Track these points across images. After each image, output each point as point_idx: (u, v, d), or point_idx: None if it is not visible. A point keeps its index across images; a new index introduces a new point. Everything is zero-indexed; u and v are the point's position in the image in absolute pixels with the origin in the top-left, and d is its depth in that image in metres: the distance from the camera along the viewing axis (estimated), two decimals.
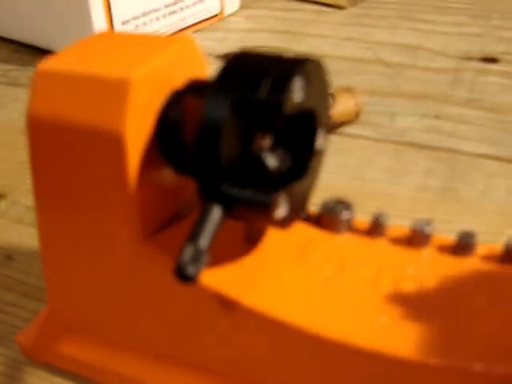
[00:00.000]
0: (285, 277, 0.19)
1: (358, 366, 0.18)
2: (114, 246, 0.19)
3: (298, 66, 0.16)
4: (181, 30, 0.49)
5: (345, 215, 0.21)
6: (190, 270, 0.15)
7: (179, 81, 0.18)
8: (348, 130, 0.35)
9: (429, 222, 0.20)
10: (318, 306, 0.18)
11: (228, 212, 0.17)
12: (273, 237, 0.20)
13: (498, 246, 0.20)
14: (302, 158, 0.19)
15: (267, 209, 0.16)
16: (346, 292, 0.19)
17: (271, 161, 0.17)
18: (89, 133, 0.17)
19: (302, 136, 0.18)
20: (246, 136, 0.16)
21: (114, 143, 0.17)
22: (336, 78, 0.40)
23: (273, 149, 0.18)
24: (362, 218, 0.28)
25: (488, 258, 0.20)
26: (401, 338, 0.17)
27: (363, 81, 0.40)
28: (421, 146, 0.34)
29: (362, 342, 0.17)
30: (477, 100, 0.38)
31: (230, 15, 0.51)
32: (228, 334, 0.19)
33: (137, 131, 0.17)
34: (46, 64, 0.18)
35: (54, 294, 0.22)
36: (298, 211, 0.19)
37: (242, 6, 0.52)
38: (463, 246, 0.20)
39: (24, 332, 0.23)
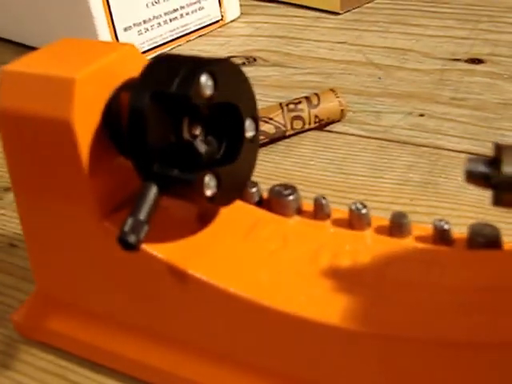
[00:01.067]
0: (232, 251, 0.22)
1: (293, 332, 0.20)
2: (77, 225, 0.22)
3: (205, 66, 0.19)
4: (183, 36, 0.52)
5: (291, 198, 0.23)
6: (131, 238, 0.19)
7: (122, 80, 0.22)
8: (335, 127, 0.38)
9: (365, 205, 0.22)
10: (259, 277, 0.21)
11: (163, 190, 0.20)
12: (224, 218, 0.23)
13: (430, 226, 0.22)
14: (234, 146, 0.22)
15: (193, 186, 0.19)
16: (286, 265, 0.21)
17: (201, 146, 0.21)
18: (46, 123, 0.21)
19: (232, 127, 0.21)
20: (173, 124, 0.20)
21: (65, 131, 0.20)
22: (327, 80, 0.43)
23: (204, 137, 0.21)
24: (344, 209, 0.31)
25: (422, 238, 0.22)
26: (331, 308, 0.19)
27: (353, 82, 0.42)
28: (404, 142, 0.36)
29: (296, 309, 0.20)
30: (461, 99, 0.40)
31: (232, 21, 0.54)
32: (180, 303, 0.22)
33: (85, 121, 0.21)
34: (12, 66, 0.22)
35: (38, 273, 0.25)
36: (234, 193, 0.22)
37: (243, 13, 0.54)
38: (398, 226, 0.22)
39: (18, 311, 0.26)
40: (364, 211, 0.23)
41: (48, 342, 0.25)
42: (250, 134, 0.22)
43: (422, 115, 0.38)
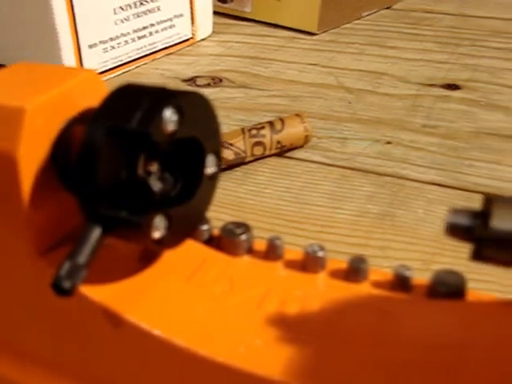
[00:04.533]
0: (173, 294, 0.19)
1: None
2: (12, 261, 0.20)
3: (170, 99, 0.17)
4: (151, 54, 0.50)
5: (243, 238, 0.21)
6: (66, 284, 0.17)
7: (78, 110, 0.20)
8: (297, 153, 0.35)
9: (322, 248, 0.20)
10: (199, 324, 0.19)
11: (107, 231, 0.18)
12: (170, 257, 0.20)
13: (389, 271, 0.20)
14: (192, 183, 0.20)
15: (140, 229, 0.17)
16: (230, 311, 0.19)
17: (155, 184, 0.18)
18: None
19: (191, 162, 0.19)
20: (128, 161, 0.18)
21: (9, 163, 0.18)
22: (294, 103, 0.41)
23: (161, 173, 0.19)
24: (297, 241, 0.28)
25: (379, 283, 0.20)
26: (272, 360, 0.17)
27: (321, 106, 0.40)
28: (367, 171, 0.33)
29: (234, 361, 0.17)
30: (432, 126, 0.37)
31: (203, 40, 0.52)
32: (115, 347, 0.20)
33: (31, 154, 0.19)
34: None
35: None
36: (185, 233, 0.20)
37: (215, 32, 0.52)
38: (355, 271, 0.20)
39: None
40: (320, 254, 0.20)
41: None
42: (210, 170, 0.20)
43: (389, 143, 0.36)
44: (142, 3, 0.49)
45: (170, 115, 0.17)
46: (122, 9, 0.48)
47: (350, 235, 0.29)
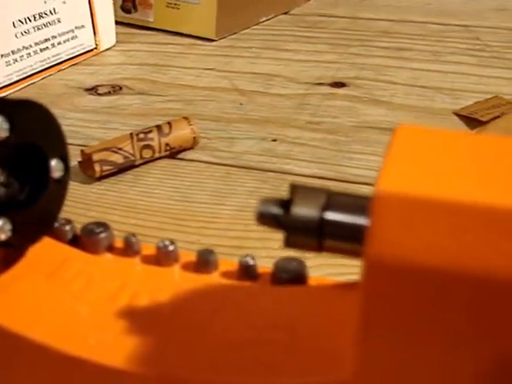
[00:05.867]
0: (31, 293, 0.20)
1: (84, 377, 0.19)
2: None
3: None
4: (56, 65, 0.51)
5: (102, 236, 0.22)
6: None
7: None
8: (187, 155, 0.37)
9: (173, 242, 0.22)
10: (54, 320, 0.20)
11: None
12: (31, 257, 0.22)
13: (236, 262, 0.21)
14: (37, 187, 0.21)
15: None
16: (84, 306, 0.20)
17: None
18: None
19: (36, 167, 0.21)
20: None
21: None
22: (188, 106, 0.42)
23: (5, 179, 0.20)
24: (181, 237, 0.30)
25: (227, 273, 0.21)
26: (119, 350, 0.18)
27: (214, 108, 0.42)
28: (252, 168, 0.35)
29: (84, 353, 0.19)
30: (317, 123, 0.40)
31: (106, 50, 0.53)
32: None
33: None
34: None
35: None
36: (35, 235, 0.21)
37: (119, 41, 0.54)
38: (204, 262, 0.21)
39: None
40: (171, 248, 0.22)
41: None
42: (57, 174, 0.21)
43: (274, 140, 0.38)
44: (41, 16, 0.50)
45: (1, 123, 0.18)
46: (22, 22, 0.49)
47: (230, 229, 0.31)
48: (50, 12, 0.51)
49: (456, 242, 0.14)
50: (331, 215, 0.16)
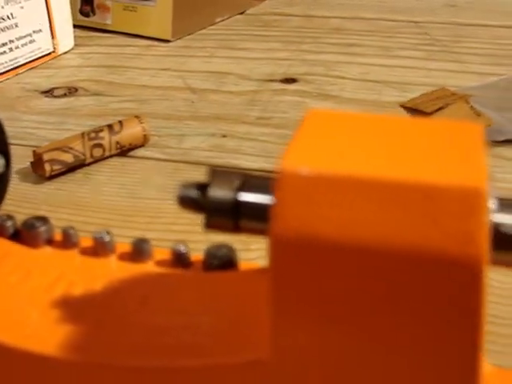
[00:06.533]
0: None
1: (20, 366, 0.20)
2: None
3: None
4: (14, 69, 0.51)
5: (41, 230, 0.23)
6: None
7: None
8: (138, 152, 0.38)
9: (109, 233, 0.23)
10: None
11: None
12: None
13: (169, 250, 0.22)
14: None
15: None
16: (21, 297, 0.21)
17: None
18: None
19: None
20: None
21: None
22: (142, 106, 0.43)
23: None
24: (127, 233, 0.31)
25: (162, 262, 0.22)
26: (49, 338, 0.19)
27: (167, 106, 0.43)
28: (200, 163, 0.36)
29: (18, 342, 0.19)
30: (266, 118, 0.41)
31: (65, 53, 0.54)
32: None
33: None
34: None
35: None
36: None
37: (77, 45, 0.54)
38: (139, 252, 0.22)
39: None
40: (107, 239, 0.23)
41: None
42: None
43: (224, 136, 0.39)
44: None
45: None
46: None
47: (176, 223, 0.32)
48: (8, 17, 0.52)
49: (355, 215, 0.15)
50: (245, 196, 0.17)
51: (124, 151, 0.38)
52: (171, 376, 0.19)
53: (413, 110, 0.41)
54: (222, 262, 0.22)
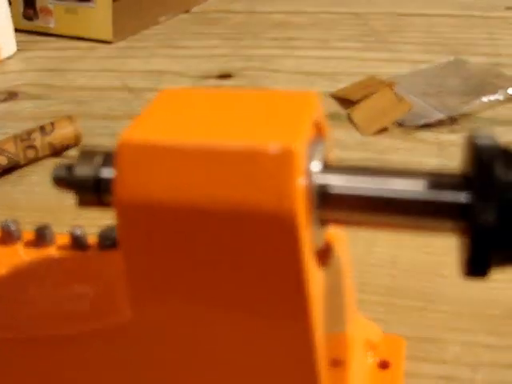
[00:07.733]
0: None
1: None
2: None
3: None
4: None
5: None
6: None
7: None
8: (70, 152, 0.39)
9: (15, 222, 0.23)
10: None
11: None
12: None
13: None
14: None
15: None
16: None
17: None
18: None
19: None
20: None
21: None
22: (79, 107, 0.44)
23: None
24: (58, 229, 0.32)
25: (63, 246, 0.23)
26: None
27: (103, 106, 0.43)
28: None
29: None
30: None
31: (8, 58, 0.54)
32: None
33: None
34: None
35: None
36: None
37: (20, 49, 0.55)
38: (41, 237, 0.23)
39: None
40: (13, 228, 0.24)
41: None
42: None
43: None
44: None
45: None
46: None
47: (102, 218, 0.32)
48: None
49: (186, 180, 0.15)
50: (105, 172, 0.17)
51: (57, 151, 0.38)
52: (57, 343, 0.20)
53: (341, 99, 0.42)
54: (113, 242, 0.23)
